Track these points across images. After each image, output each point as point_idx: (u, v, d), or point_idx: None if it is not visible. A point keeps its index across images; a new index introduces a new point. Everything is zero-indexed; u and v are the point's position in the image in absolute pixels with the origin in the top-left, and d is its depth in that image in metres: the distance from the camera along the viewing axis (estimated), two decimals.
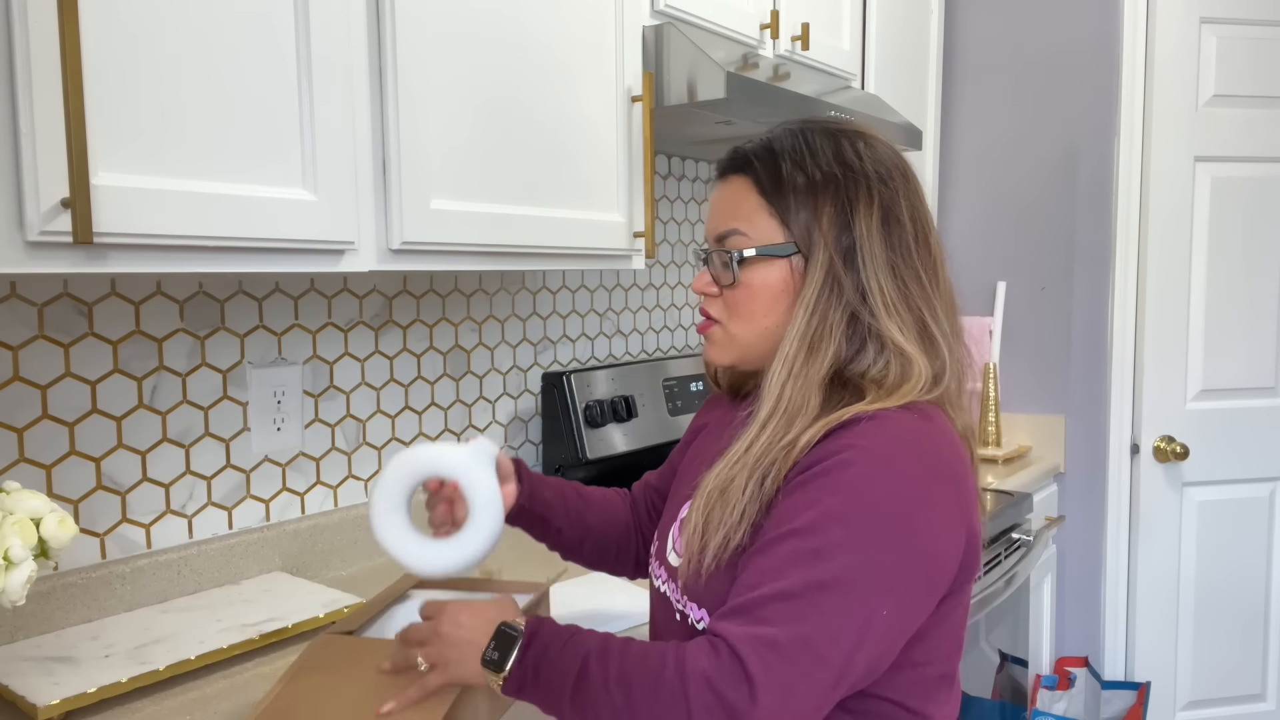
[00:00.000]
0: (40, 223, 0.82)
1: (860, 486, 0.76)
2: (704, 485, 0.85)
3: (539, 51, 1.34)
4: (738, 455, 0.83)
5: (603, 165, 1.46)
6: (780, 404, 0.83)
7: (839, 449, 0.78)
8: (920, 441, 0.80)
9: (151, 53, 0.91)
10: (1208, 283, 2.32)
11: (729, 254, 0.89)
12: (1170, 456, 2.33)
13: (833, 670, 0.74)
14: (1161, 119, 2.27)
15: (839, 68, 2.04)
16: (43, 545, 0.89)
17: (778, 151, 0.88)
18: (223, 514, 1.37)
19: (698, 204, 2.25)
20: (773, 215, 0.87)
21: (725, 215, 0.91)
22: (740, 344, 0.91)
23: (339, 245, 1.10)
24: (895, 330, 0.83)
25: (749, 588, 0.77)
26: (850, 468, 0.77)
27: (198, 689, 1.07)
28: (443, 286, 1.67)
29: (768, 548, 0.78)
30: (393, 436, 1.60)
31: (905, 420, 0.80)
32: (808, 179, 0.86)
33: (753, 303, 0.88)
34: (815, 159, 0.87)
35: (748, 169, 0.90)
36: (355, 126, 1.11)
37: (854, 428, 0.79)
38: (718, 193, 0.93)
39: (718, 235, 0.91)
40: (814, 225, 0.85)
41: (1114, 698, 2.35)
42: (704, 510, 0.84)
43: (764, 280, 0.88)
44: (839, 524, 0.75)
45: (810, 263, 0.85)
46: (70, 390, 1.20)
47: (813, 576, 0.74)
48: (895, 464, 0.78)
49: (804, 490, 0.78)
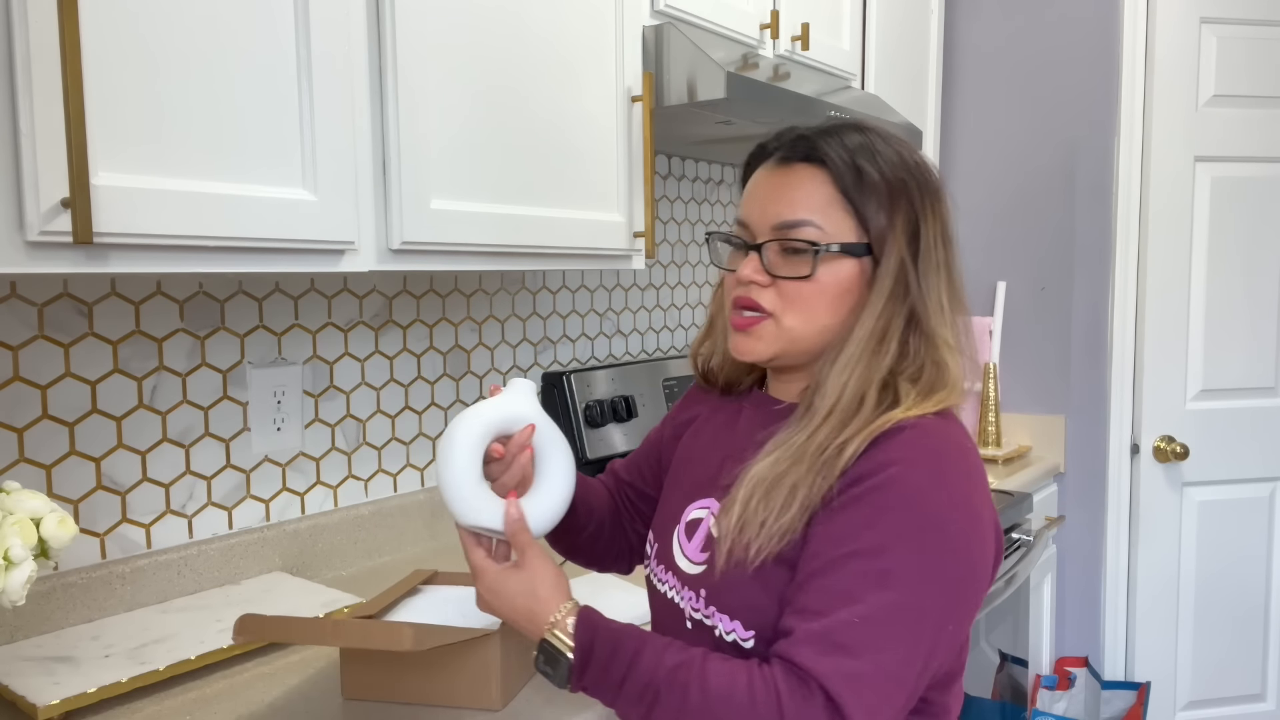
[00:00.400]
0: (40, 223, 0.82)
1: (916, 503, 0.77)
2: (745, 482, 0.82)
3: (539, 51, 1.34)
4: (790, 452, 0.81)
5: (603, 165, 1.46)
6: (839, 403, 0.82)
7: (886, 463, 0.78)
8: (958, 451, 0.81)
9: (151, 52, 0.91)
10: (1208, 283, 2.32)
11: (810, 246, 0.84)
12: (1170, 456, 2.33)
13: (908, 691, 0.76)
14: (1161, 119, 2.27)
15: (839, 68, 2.04)
16: (43, 545, 0.89)
17: (851, 148, 0.86)
18: (223, 514, 1.37)
19: (697, 204, 2.25)
20: (849, 212, 0.85)
21: (793, 204, 0.86)
22: (790, 339, 0.87)
23: (339, 245, 1.10)
24: (946, 337, 0.85)
25: (818, 612, 0.76)
26: (903, 484, 0.77)
27: (198, 689, 1.07)
28: (443, 286, 1.67)
29: (829, 568, 0.77)
30: (393, 436, 1.60)
31: (942, 429, 0.81)
32: (884, 181, 0.85)
33: (819, 299, 0.85)
34: (888, 161, 0.86)
35: (823, 161, 0.86)
36: (355, 126, 1.11)
37: (897, 438, 0.79)
38: (776, 177, 0.88)
39: (781, 223, 0.86)
40: (889, 228, 0.84)
41: (1114, 698, 2.35)
42: (744, 507, 0.81)
43: (835, 277, 0.85)
44: (902, 543, 0.76)
45: (881, 265, 0.84)
46: (70, 390, 1.20)
47: (887, 600, 0.74)
48: (944, 478, 0.79)
49: (857, 508, 0.77)
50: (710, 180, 2.29)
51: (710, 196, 2.30)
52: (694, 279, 2.28)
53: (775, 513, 0.79)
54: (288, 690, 1.07)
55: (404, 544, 1.59)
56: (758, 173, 0.91)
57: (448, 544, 1.64)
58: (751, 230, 0.88)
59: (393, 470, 1.60)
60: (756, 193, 0.89)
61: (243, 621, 0.94)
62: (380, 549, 1.56)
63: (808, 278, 0.85)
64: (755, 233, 0.88)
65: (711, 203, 2.30)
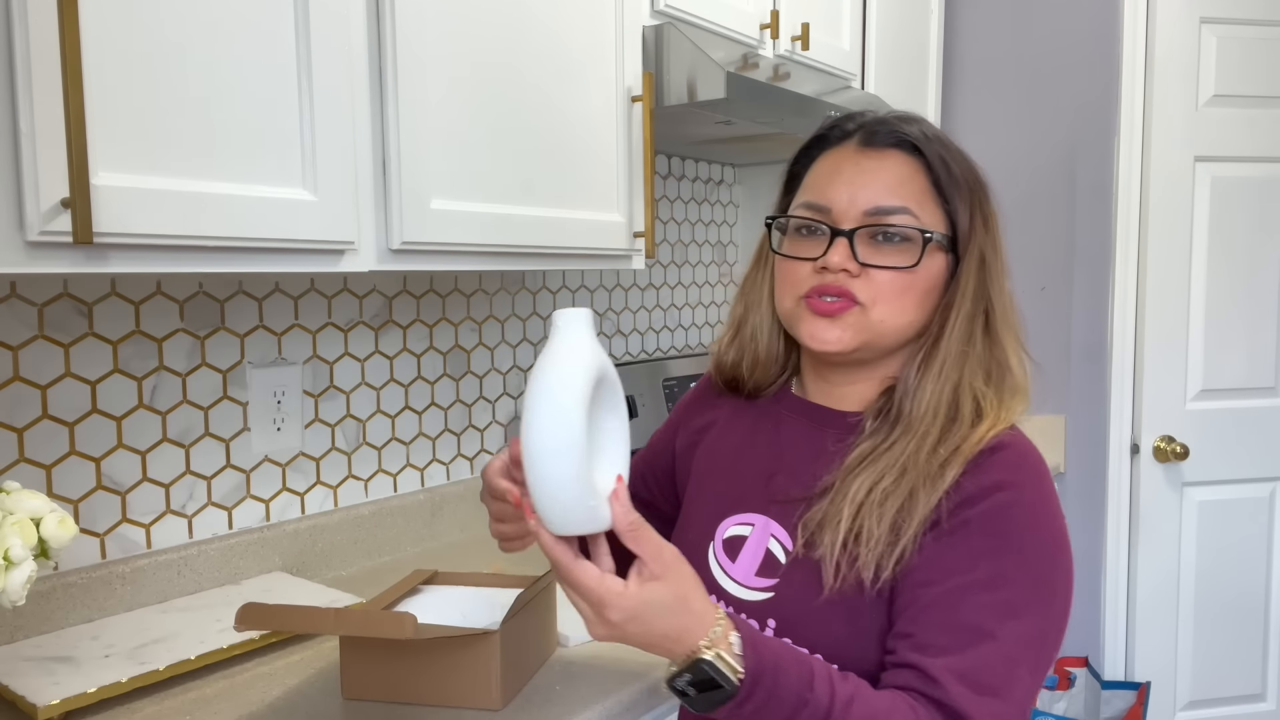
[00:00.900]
0: (40, 223, 0.82)
1: (1031, 531, 0.76)
2: (849, 499, 0.77)
3: (539, 51, 1.34)
4: (894, 466, 0.77)
5: (603, 165, 1.46)
6: (939, 414, 0.79)
7: (995, 486, 0.76)
8: (1045, 467, 0.80)
9: (151, 52, 0.91)
10: (1208, 283, 2.32)
11: (921, 233, 0.80)
12: (1170, 456, 2.33)
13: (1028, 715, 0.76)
14: (1161, 119, 2.27)
15: (839, 68, 2.04)
16: (43, 545, 0.89)
17: (933, 139, 0.84)
18: (223, 514, 1.37)
19: (697, 204, 2.25)
20: (939, 205, 0.82)
21: (889, 190, 0.81)
22: (876, 333, 0.82)
23: (339, 245, 1.10)
24: (1012, 339, 0.83)
25: (949, 649, 0.72)
26: (1016, 511, 0.76)
27: (198, 689, 1.07)
28: (443, 286, 1.67)
29: (951, 601, 0.74)
30: (393, 436, 1.60)
31: (1030, 446, 0.80)
32: (965, 177, 0.83)
33: (912, 292, 0.81)
34: (960, 158, 0.84)
35: (916, 150, 0.83)
36: (355, 126, 1.11)
37: (999, 458, 0.77)
38: (868, 161, 0.83)
39: (877, 209, 0.81)
40: (972, 225, 0.83)
41: (1114, 698, 2.35)
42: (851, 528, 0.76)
43: (929, 271, 0.82)
44: (1022, 573, 0.74)
45: (965, 262, 0.82)
46: (70, 390, 1.20)
47: (1018, 633, 0.73)
48: (1048, 501, 0.78)
49: (970, 534, 0.75)
50: (710, 180, 2.29)
51: (710, 196, 2.30)
52: (694, 279, 2.28)
53: (887, 534, 0.75)
54: (288, 690, 1.07)
55: (404, 544, 1.59)
56: (833, 155, 0.86)
57: (448, 544, 1.64)
58: (835, 215, 0.82)
59: (393, 470, 1.60)
60: (842, 175, 0.83)
61: (245, 610, 0.93)
62: (380, 549, 1.56)
63: (911, 268, 0.80)
64: (840, 218, 0.82)
65: (711, 203, 2.30)
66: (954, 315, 0.81)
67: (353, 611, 0.96)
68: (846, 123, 0.87)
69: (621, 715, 1.07)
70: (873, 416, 0.83)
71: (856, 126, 0.86)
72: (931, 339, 0.82)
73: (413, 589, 1.15)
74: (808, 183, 0.86)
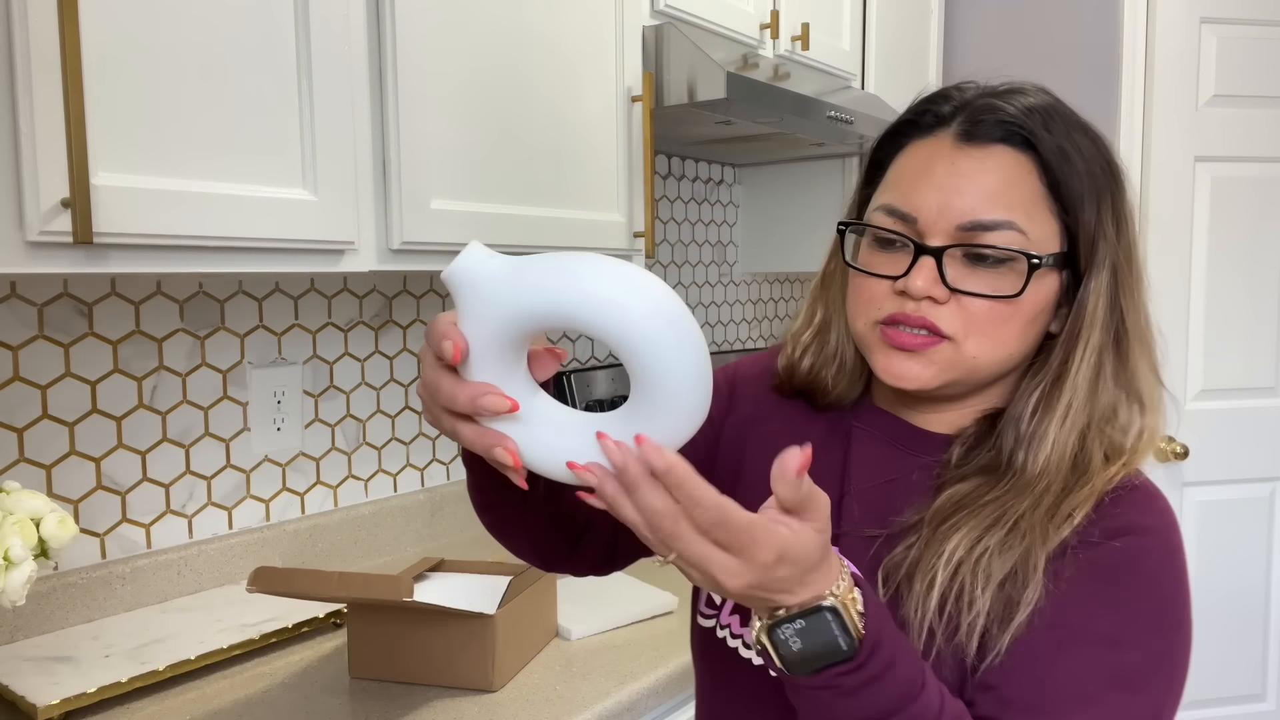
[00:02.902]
0: (40, 223, 0.82)
1: (1159, 588, 0.64)
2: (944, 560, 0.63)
3: (539, 51, 1.34)
4: (1003, 523, 0.64)
5: (603, 165, 1.46)
6: (1063, 464, 0.66)
7: (1122, 530, 0.64)
8: (1175, 517, 0.68)
9: (151, 53, 0.91)
10: (1208, 283, 2.32)
11: (1028, 257, 0.65)
12: (1170, 456, 2.33)
13: None
14: (1161, 119, 2.27)
15: (839, 68, 2.04)
16: (43, 545, 0.89)
17: (1056, 123, 0.68)
18: (223, 514, 1.37)
19: (697, 204, 2.25)
20: (1055, 213, 0.67)
21: (991, 198, 0.66)
22: (970, 368, 0.68)
23: (339, 245, 1.10)
24: (1147, 370, 0.69)
25: (1039, 708, 0.61)
26: (1146, 563, 0.64)
27: (198, 689, 1.07)
28: (443, 286, 1.67)
29: (1052, 653, 0.61)
30: (393, 436, 1.60)
31: (1158, 490, 0.69)
32: (1089, 172, 0.67)
33: (1014, 323, 0.67)
34: (1087, 143, 0.69)
35: (1028, 144, 0.67)
36: (355, 126, 1.11)
37: (1127, 498, 0.65)
38: (966, 162, 0.67)
39: (973, 224, 0.65)
40: (1099, 234, 0.67)
41: None
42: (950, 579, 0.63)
43: (1036, 297, 0.67)
44: (1145, 636, 0.63)
45: (1091, 282, 0.67)
46: (70, 390, 1.20)
47: (1125, 704, 0.62)
48: (1177, 554, 0.66)
49: (1086, 581, 0.63)
50: (710, 180, 2.29)
51: (710, 196, 2.30)
52: (694, 279, 2.28)
53: (993, 603, 0.62)
54: (288, 690, 1.07)
55: (404, 544, 1.59)
56: (924, 148, 0.70)
57: (448, 544, 1.64)
58: (921, 227, 0.67)
59: (393, 470, 1.60)
60: (931, 177, 0.68)
61: (257, 573, 1.00)
62: (380, 549, 1.56)
63: (1014, 296, 0.65)
64: (927, 231, 0.67)
65: (711, 203, 2.30)
66: (1080, 347, 0.67)
67: (354, 575, 1.02)
68: (942, 104, 0.71)
69: (621, 715, 1.07)
70: (965, 446, 0.70)
71: (953, 110, 0.70)
72: (1053, 376, 0.68)
73: (419, 575, 1.17)
74: (891, 179, 0.71)
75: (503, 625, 1.06)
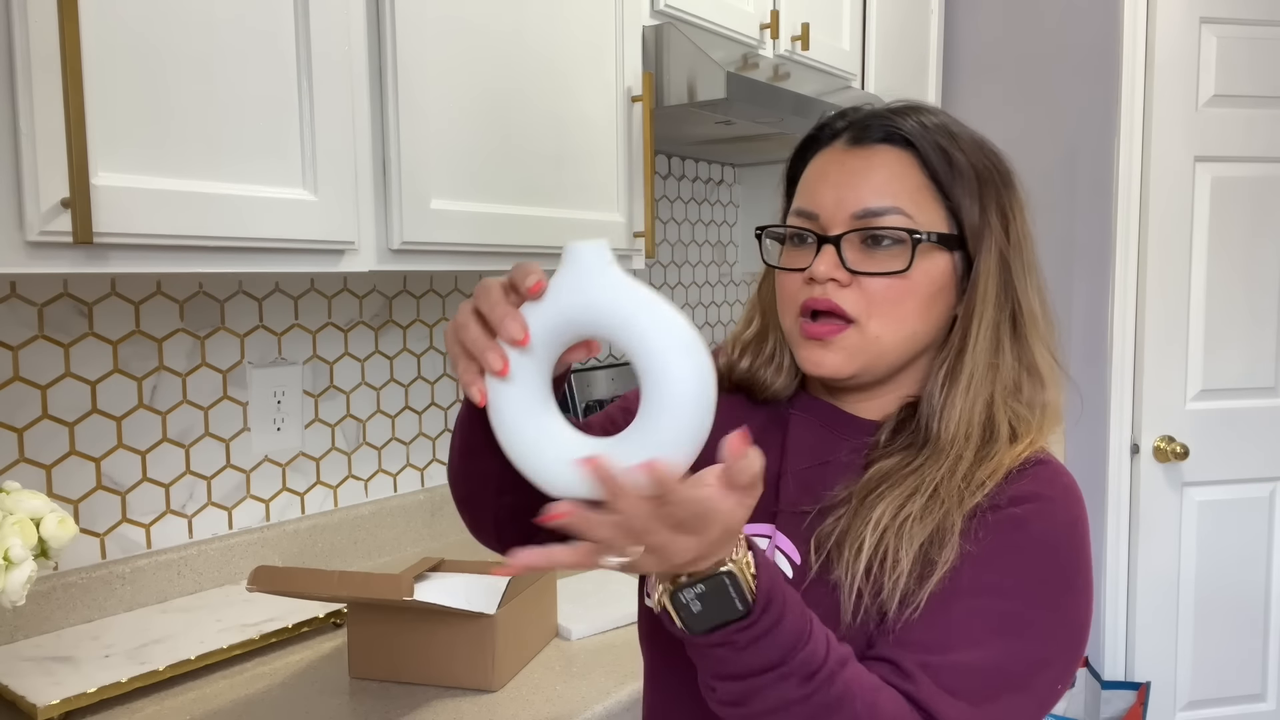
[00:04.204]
0: (40, 223, 0.82)
1: (1054, 548, 0.70)
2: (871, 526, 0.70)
3: (539, 51, 1.34)
4: (922, 492, 0.70)
5: (603, 165, 1.46)
6: (972, 432, 0.73)
7: (1024, 497, 0.70)
8: (1080, 494, 0.74)
9: (152, 53, 0.91)
10: (1208, 283, 2.32)
11: (910, 235, 0.73)
12: (1170, 456, 2.33)
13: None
14: (1161, 119, 2.27)
15: (839, 68, 2.04)
16: (43, 545, 0.89)
17: (932, 128, 0.76)
18: (223, 514, 1.37)
19: (697, 204, 2.25)
20: (939, 201, 0.75)
21: (877, 189, 0.74)
22: (877, 351, 0.75)
23: (339, 245, 1.10)
24: (1042, 345, 0.77)
25: (931, 647, 0.67)
26: (1043, 524, 0.70)
27: (198, 689, 1.07)
28: (443, 286, 1.67)
29: (954, 600, 0.67)
30: (393, 436, 1.60)
31: (1064, 469, 0.75)
32: (973, 167, 0.76)
33: (910, 299, 0.74)
34: (970, 145, 0.77)
35: (908, 143, 0.76)
36: (355, 126, 1.11)
37: (1033, 471, 0.72)
38: (854, 160, 0.77)
39: (865, 211, 0.74)
40: (984, 220, 0.75)
41: (1114, 698, 2.35)
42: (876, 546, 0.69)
43: (929, 275, 0.74)
44: (1034, 590, 0.68)
45: (981, 263, 0.75)
46: (70, 390, 1.20)
47: (1016, 651, 0.67)
48: (1079, 524, 0.72)
49: (991, 540, 0.69)
50: (710, 180, 2.29)
51: (710, 196, 2.30)
52: (694, 279, 2.28)
53: (914, 563, 0.68)
54: (288, 690, 1.07)
55: (404, 544, 1.59)
56: (822, 157, 0.79)
57: (448, 544, 1.64)
58: (823, 221, 0.76)
59: (393, 470, 1.60)
60: (827, 178, 0.77)
61: (257, 573, 1.00)
62: (380, 549, 1.56)
63: (902, 272, 0.73)
64: (828, 224, 0.75)
65: (711, 203, 2.30)
66: (976, 323, 0.74)
67: (354, 575, 1.02)
68: (837, 120, 0.81)
69: (621, 715, 1.07)
70: (890, 430, 0.76)
71: (846, 124, 0.80)
72: (954, 351, 0.75)
73: (419, 575, 1.17)
74: (799, 187, 0.81)
75: (503, 625, 1.06)
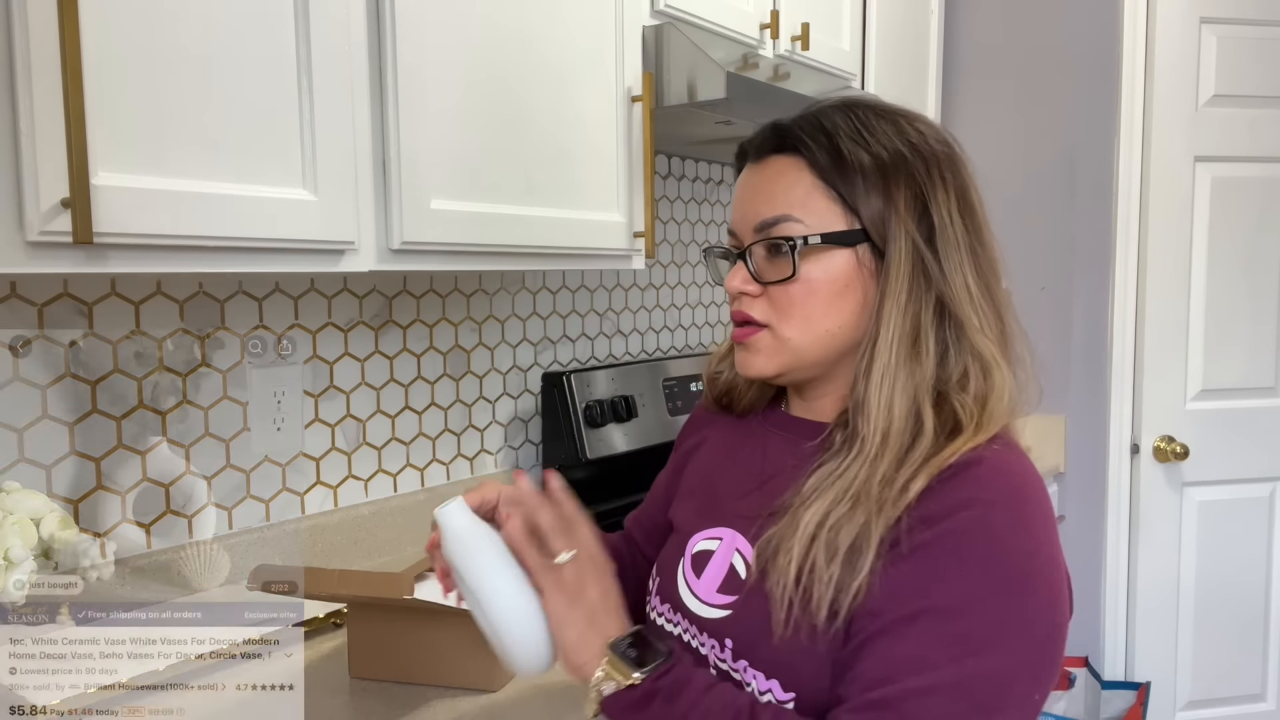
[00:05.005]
0: (40, 223, 0.82)
1: (998, 555, 0.66)
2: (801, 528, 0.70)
3: (539, 51, 1.34)
4: (847, 491, 0.70)
5: (603, 165, 1.46)
6: (892, 426, 0.71)
7: (961, 503, 0.67)
8: (1037, 490, 0.71)
9: (151, 52, 0.91)
10: (1208, 283, 2.32)
11: (786, 242, 0.75)
12: (1170, 456, 2.33)
13: None
14: (1161, 119, 2.27)
15: (839, 68, 2.04)
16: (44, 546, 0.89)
17: (830, 129, 0.76)
18: (223, 514, 1.37)
19: (697, 204, 2.25)
20: (833, 199, 0.75)
21: (769, 200, 0.77)
22: (792, 350, 0.77)
23: (339, 245, 1.10)
24: (978, 331, 0.74)
25: (881, 680, 0.65)
26: (982, 531, 0.67)
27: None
28: (443, 286, 1.67)
29: (894, 628, 0.66)
30: (393, 436, 1.60)
31: (1017, 463, 0.72)
32: (874, 158, 0.75)
33: (811, 300, 0.76)
34: (876, 136, 0.76)
35: (797, 148, 0.77)
36: (355, 127, 1.11)
37: (970, 473, 0.69)
38: (753, 176, 0.80)
39: (760, 223, 0.77)
40: (889, 210, 0.74)
41: (1114, 698, 2.35)
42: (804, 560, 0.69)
43: (826, 273, 0.75)
44: (982, 603, 0.65)
45: (890, 252, 0.74)
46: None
47: (977, 671, 0.64)
48: (1028, 523, 0.68)
49: (927, 557, 0.66)
50: (710, 180, 2.29)
51: (710, 196, 2.30)
52: (694, 279, 2.28)
53: (841, 570, 0.67)
54: None
55: (404, 544, 1.59)
56: (741, 175, 0.83)
57: None
58: (739, 237, 0.80)
59: (393, 470, 1.60)
60: (739, 195, 0.82)
61: (257, 571, 0.99)
62: (380, 549, 1.56)
63: (790, 278, 0.76)
64: (742, 239, 0.80)
65: (711, 203, 2.30)
66: (887, 313, 0.73)
67: (355, 573, 1.03)
68: (750, 140, 0.83)
69: None
70: (839, 430, 0.76)
71: (755, 139, 0.82)
72: (869, 342, 0.74)
73: (420, 574, 1.17)
74: None
75: None
